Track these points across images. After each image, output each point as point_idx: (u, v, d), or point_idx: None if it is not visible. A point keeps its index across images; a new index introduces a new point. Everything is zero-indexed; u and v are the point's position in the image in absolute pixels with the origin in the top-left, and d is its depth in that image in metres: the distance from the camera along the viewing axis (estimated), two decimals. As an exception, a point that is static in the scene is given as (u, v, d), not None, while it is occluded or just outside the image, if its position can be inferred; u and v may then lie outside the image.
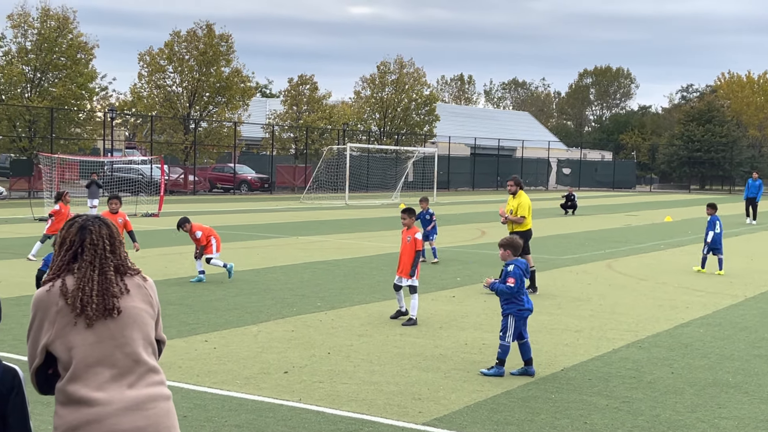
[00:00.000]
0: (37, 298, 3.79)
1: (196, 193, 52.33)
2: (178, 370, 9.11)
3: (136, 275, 3.94)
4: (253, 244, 22.94)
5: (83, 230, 3.87)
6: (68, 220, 3.96)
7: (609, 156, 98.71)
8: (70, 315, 3.72)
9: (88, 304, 3.72)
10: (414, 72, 70.22)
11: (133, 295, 3.86)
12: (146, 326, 3.87)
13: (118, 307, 3.77)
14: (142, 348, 3.81)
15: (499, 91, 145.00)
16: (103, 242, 3.86)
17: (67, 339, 3.70)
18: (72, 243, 3.86)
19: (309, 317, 12.55)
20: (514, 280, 9.48)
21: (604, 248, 24.02)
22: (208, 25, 55.35)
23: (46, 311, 3.75)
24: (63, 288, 3.76)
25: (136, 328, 3.81)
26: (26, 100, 46.62)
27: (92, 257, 3.82)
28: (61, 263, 3.84)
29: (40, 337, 3.75)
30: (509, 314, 9.53)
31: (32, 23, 47.51)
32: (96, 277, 3.78)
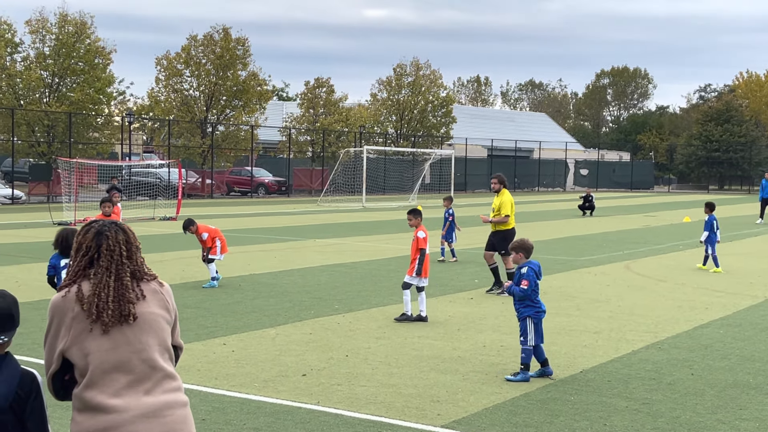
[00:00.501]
0: (53, 304, 3.78)
1: (213, 197, 52.49)
2: (197, 373, 9.12)
3: (152, 280, 3.93)
4: (271, 247, 22.98)
5: (99, 236, 3.86)
6: (84, 226, 3.96)
7: (627, 157, 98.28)
8: (86, 321, 3.71)
9: (104, 310, 3.71)
10: (430, 74, 70.17)
11: (149, 301, 3.84)
12: (162, 332, 3.85)
13: (134, 313, 3.76)
14: (158, 354, 3.79)
15: (515, 93, 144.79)
16: (119, 248, 3.85)
17: (83, 345, 3.70)
18: (88, 249, 3.85)
19: (327, 320, 12.55)
20: (527, 282, 9.47)
21: (623, 249, 23.90)
22: (224, 29, 55.56)
23: (62, 317, 3.75)
24: (79, 294, 3.75)
25: (152, 333, 3.79)
26: (45, 105, 46.93)
27: (108, 263, 3.81)
28: (78, 268, 3.84)
29: (56, 343, 3.75)
30: (527, 317, 9.48)
31: (50, 29, 47.83)
32: (112, 282, 3.77)
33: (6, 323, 3.68)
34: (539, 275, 9.70)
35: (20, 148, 46.81)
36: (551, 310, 13.69)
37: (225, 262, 19.21)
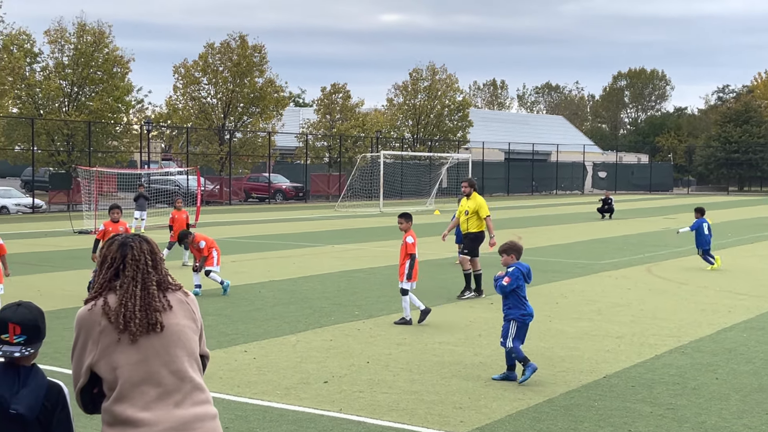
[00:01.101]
0: (80, 317, 3.78)
1: (231, 203, 52.64)
2: (219, 380, 9.13)
3: (177, 291, 3.92)
4: (289, 253, 23.00)
5: (124, 246, 3.86)
6: (109, 238, 3.97)
7: (645, 159, 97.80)
8: (113, 334, 3.70)
9: (131, 319, 3.70)
10: (446, 78, 70.13)
11: (176, 311, 3.83)
12: (190, 342, 3.84)
13: (161, 322, 3.75)
14: (187, 364, 3.78)
15: (532, 96, 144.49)
16: (144, 258, 3.85)
17: (111, 359, 3.68)
18: (113, 260, 3.85)
19: (347, 326, 12.54)
20: (509, 279, 9.50)
21: (643, 252, 23.76)
22: (241, 37, 55.79)
23: (89, 331, 3.74)
24: (105, 307, 3.74)
25: (180, 344, 3.78)
26: (64, 115, 47.25)
27: (134, 273, 3.80)
28: (103, 281, 3.83)
29: (84, 357, 3.74)
30: (512, 319, 9.48)
31: (69, 38, 48.17)
32: (139, 292, 3.76)
33: (32, 335, 3.68)
34: (528, 278, 9.69)
35: (40, 158, 47.13)
36: (573, 314, 13.65)
37: (245, 269, 19.27)
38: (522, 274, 9.61)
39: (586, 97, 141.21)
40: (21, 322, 3.65)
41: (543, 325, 12.74)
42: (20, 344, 3.63)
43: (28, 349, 3.65)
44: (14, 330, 3.63)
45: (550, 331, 12.28)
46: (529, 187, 75.80)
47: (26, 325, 3.66)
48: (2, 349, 3.62)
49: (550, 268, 20.07)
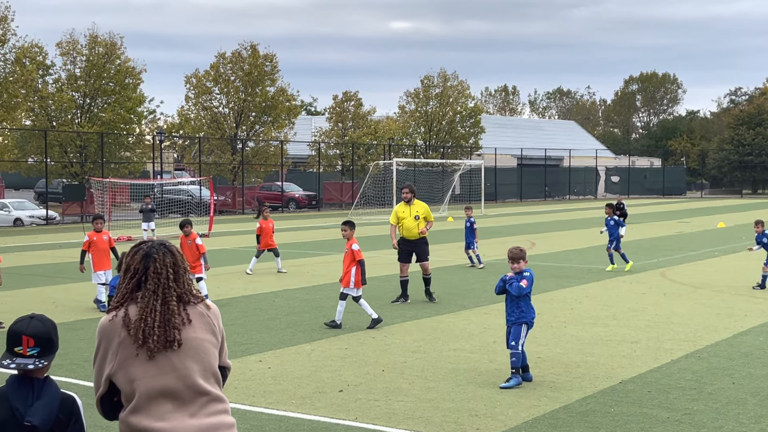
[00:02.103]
0: (101, 327, 3.81)
1: (244, 212, 52.75)
2: (234, 390, 9.13)
3: (199, 303, 3.92)
4: (303, 261, 23.01)
5: (147, 258, 3.87)
6: (133, 247, 3.97)
7: (658, 163, 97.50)
8: (132, 346, 3.73)
9: (150, 336, 3.72)
10: (458, 85, 70.13)
11: (195, 326, 3.84)
12: (208, 356, 3.84)
13: (179, 339, 3.76)
14: (202, 379, 3.78)
15: (544, 101, 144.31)
16: (166, 271, 3.85)
17: (129, 371, 3.71)
18: (136, 271, 3.86)
19: (362, 334, 12.53)
20: (527, 282, 9.64)
21: (657, 256, 23.67)
22: (252, 46, 55.94)
23: (109, 342, 3.77)
24: (126, 319, 3.76)
25: (197, 359, 3.79)
26: (77, 126, 47.49)
27: (155, 286, 3.82)
28: (126, 291, 3.85)
29: (103, 367, 3.78)
30: (524, 322, 9.65)
31: (81, 50, 48.43)
32: (159, 306, 3.77)
33: (46, 347, 3.70)
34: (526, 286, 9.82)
35: (53, 169, 47.36)
36: (587, 320, 13.60)
37: (258, 277, 19.30)
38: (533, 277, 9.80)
39: (598, 102, 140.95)
40: (34, 334, 3.67)
41: (558, 330, 12.71)
42: (34, 356, 3.65)
43: (42, 361, 3.67)
44: (28, 342, 3.65)
45: (565, 336, 12.24)
46: (541, 193, 75.66)
47: (39, 337, 3.68)
48: (16, 361, 3.64)
49: (564, 273, 20.01)
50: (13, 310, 14.87)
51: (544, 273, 20.04)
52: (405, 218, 15.97)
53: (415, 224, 15.90)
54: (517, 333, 9.59)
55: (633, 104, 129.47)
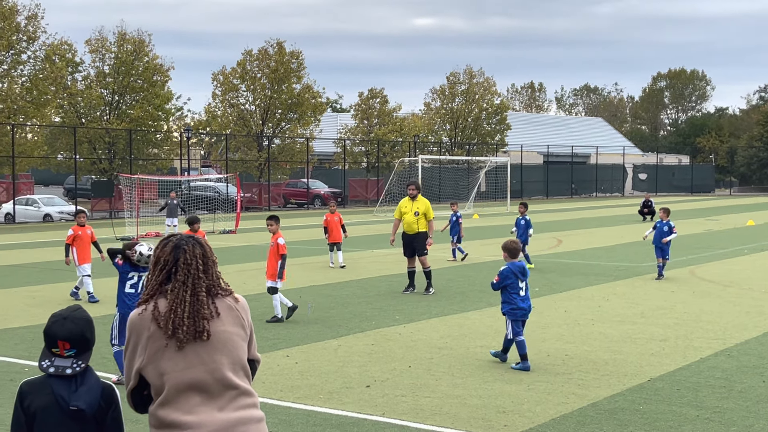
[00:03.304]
0: (130, 321, 3.83)
1: (270, 209, 52.93)
2: (262, 385, 9.18)
3: (227, 296, 3.92)
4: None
5: (177, 249, 3.88)
6: (162, 239, 3.99)
7: (686, 160, 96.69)
8: (161, 339, 3.74)
9: (179, 326, 3.72)
10: (484, 81, 69.94)
11: (223, 319, 3.84)
12: (237, 350, 3.84)
13: (207, 330, 3.76)
14: (231, 372, 3.79)
15: (570, 98, 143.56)
16: (196, 262, 3.86)
17: (158, 365, 3.73)
18: (166, 262, 3.87)
19: (388, 330, 12.55)
20: (498, 278, 10.33)
21: (686, 254, 23.49)
22: (278, 43, 56.07)
23: (139, 336, 3.78)
24: (155, 312, 3.77)
25: (225, 352, 3.79)
26: (105, 123, 47.87)
27: (185, 277, 3.82)
28: (155, 283, 3.86)
29: (134, 361, 3.80)
30: (504, 313, 10.35)
31: (109, 47, 48.82)
32: (188, 298, 3.78)
33: (81, 347, 3.75)
34: (522, 276, 10.38)
35: (82, 166, 47.78)
36: (615, 317, 13.53)
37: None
38: (513, 273, 10.32)
39: (625, 99, 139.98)
40: (69, 338, 3.73)
41: (586, 328, 12.65)
42: (71, 357, 3.72)
43: (80, 363, 3.73)
44: (63, 345, 3.72)
45: (593, 334, 12.19)
46: (568, 190, 75.27)
47: (74, 340, 3.74)
48: (55, 363, 3.71)
49: (592, 271, 19.92)
50: (48, 303, 15.04)
51: (571, 270, 19.97)
52: (406, 213, 16.55)
53: (415, 220, 16.42)
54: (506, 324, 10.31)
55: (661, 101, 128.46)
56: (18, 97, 41.47)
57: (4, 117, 41.15)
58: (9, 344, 11.69)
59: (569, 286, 17.25)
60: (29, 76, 42.47)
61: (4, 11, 40.39)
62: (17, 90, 41.77)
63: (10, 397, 8.71)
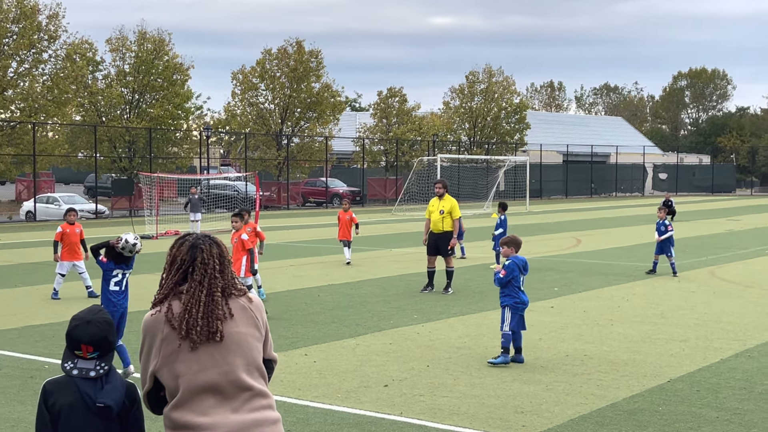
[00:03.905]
0: (144, 323, 3.82)
1: (289, 208, 53.04)
2: (280, 384, 9.19)
3: (241, 296, 3.88)
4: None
5: (194, 249, 3.85)
6: (178, 238, 3.96)
7: (707, 159, 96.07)
8: (175, 341, 3.72)
9: (193, 327, 3.70)
10: (503, 80, 69.78)
11: (237, 320, 3.80)
12: (251, 351, 3.81)
13: (221, 331, 3.73)
14: (245, 373, 3.75)
15: (590, 97, 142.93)
16: (213, 261, 3.83)
17: (172, 367, 3.71)
18: (183, 262, 3.83)
19: (406, 330, 12.54)
20: (505, 272, 10.48)
21: (706, 255, 23.34)
22: (298, 42, 56.17)
23: (153, 338, 3.77)
24: (168, 314, 3.75)
25: (239, 353, 3.76)
26: (125, 122, 48.12)
27: (202, 276, 3.79)
28: (171, 283, 3.83)
29: (148, 363, 3.79)
30: (506, 306, 10.43)
31: (130, 46, 49.07)
32: (203, 298, 3.75)
33: (104, 350, 3.77)
34: (524, 270, 10.64)
35: (103, 164, 48.05)
36: (635, 318, 13.46)
37: (303, 272, 19.38)
38: (518, 267, 10.53)
39: (645, 98, 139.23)
40: (92, 341, 3.74)
41: (605, 328, 12.60)
42: (94, 359, 3.74)
43: (103, 365, 3.75)
44: (87, 349, 3.74)
45: (612, 334, 12.13)
46: (588, 190, 74.97)
47: (97, 343, 3.75)
48: (78, 365, 3.73)
49: (611, 271, 19.82)
50: (68, 300, 15.13)
51: (591, 270, 19.88)
52: (433, 212, 16.53)
53: (440, 218, 16.35)
54: (502, 316, 10.45)
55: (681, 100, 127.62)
56: (39, 95, 41.75)
57: (26, 115, 41.45)
58: (29, 341, 11.77)
59: (588, 286, 17.18)
60: (50, 75, 42.75)
61: (25, 10, 40.68)
62: (38, 89, 42.05)
63: (32, 394, 8.78)
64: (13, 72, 41.37)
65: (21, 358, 10.72)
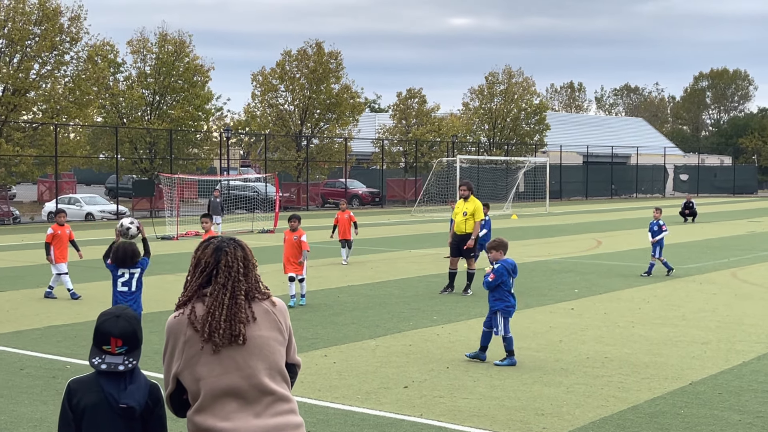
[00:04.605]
0: (168, 325, 3.83)
1: (308, 209, 53.13)
2: (300, 385, 9.20)
3: (265, 300, 3.88)
4: (367, 258, 23.08)
5: (219, 251, 3.85)
6: (203, 241, 3.97)
7: (728, 161, 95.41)
8: (197, 344, 3.72)
9: (216, 330, 3.70)
10: (523, 81, 69.59)
11: (259, 323, 3.80)
12: (273, 354, 3.80)
13: (243, 334, 3.72)
14: (268, 378, 3.75)
15: (610, 98, 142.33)
16: (237, 264, 3.83)
17: (194, 370, 3.71)
18: (207, 264, 3.84)
19: (426, 331, 12.53)
20: (494, 275, 10.51)
21: (728, 256, 23.18)
22: (317, 44, 56.27)
23: (176, 340, 3.78)
24: (191, 316, 3.75)
25: (262, 357, 3.75)
26: (146, 123, 48.37)
27: (225, 279, 3.79)
28: (195, 286, 3.83)
29: (171, 365, 3.79)
30: (497, 310, 10.49)
31: (151, 48, 49.31)
32: (227, 301, 3.75)
33: (132, 345, 3.78)
34: (513, 273, 10.67)
35: (124, 165, 48.34)
36: (656, 320, 13.39)
37: (323, 273, 19.41)
38: (507, 270, 10.56)
39: (666, 99, 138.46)
40: (122, 335, 3.75)
41: (626, 330, 12.54)
42: (122, 354, 3.74)
43: (131, 360, 3.76)
44: (116, 343, 3.74)
45: (633, 336, 12.07)
46: (608, 191, 74.62)
47: (126, 336, 3.76)
48: (106, 360, 3.73)
49: (632, 272, 19.73)
50: (89, 301, 15.23)
51: (611, 272, 19.79)
52: (457, 214, 16.63)
53: (463, 220, 16.44)
54: (493, 321, 10.51)
55: (703, 101, 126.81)
56: (61, 97, 42.04)
57: (48, 117, 41.75)
58: (52, 341, 11.85)
59: (609, 288, 17.11)
60: (72, 76, 43.03)
61: (47, 13, 40.97)
62: (60, 90, 42.34)
63: (54, 394, 8.84)
64: (36, 74, 41.67)
65: (43, 358, 10.80)
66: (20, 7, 40.37)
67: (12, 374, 9.89)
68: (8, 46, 40.39)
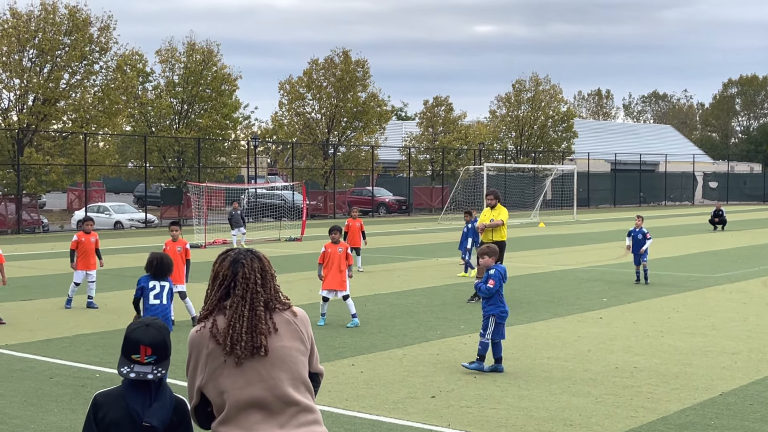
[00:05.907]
0: (190, 339, 3.85)
1: (335, 217, 53.20)
2: (328, 394, 9.21)
3: (285, 310, 3.89)
4: (393, 266, 23.07)
5: (236, 264, 3.88)
6: (221, 254, 4.00)
7: (758, 168, 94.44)
8: (220, 356, 3.74)
9: (237, 342, 3.72)
10: (550, 89, 69.35)
11: (281, 334, 3.81)
12: (296, 365, 3.81)
13: (265, 345, 3.74)
14: (291, 388, 3.75)
15: (638, 105, 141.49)
16: (254, 276, 3.85)
17: (218, 383, 3.73)
18: (225, 277, 3.87)
19: (453, 340, 12.49)
20: (494, 282, 10.44)
21: (759, 265, 22.92)
22: (344, 52, 56.44)
23: (198, 354, 3.80)
24: (213, 329, 3.78)
25: (284, 368, 3.76)
26: (175, 132, 48.72)
27: (243, 291, 3.81)
28: (215, 299, 3.86)
29: (194, 378, 3.81)
30: (491, 315, 10.44)
31: (179, 57, 49.69)
32: (246, 313, 3.77)
33: (162, 354, 3.78)
34: (504, 279, 10.65)
35: (152, 174, 48.68)
36: (685, 329, 13.26)
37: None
38: (501, 275, 10.58)
39: (695, 106, 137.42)
40: (152, 343, 3.75)
41: (655, 340, 12.43)
42: (151, 364, 3.74)
43: (160, 369, 3.75)
44: (145, 351, 3.74)
45: (663, 346, 11.96)
46: (636, 199, 74.10)
47: (157, 346, 3.76)
48: (135, 369, 3.73)
49: (661, 281, 19.57)
50: (118, 309, 15.34)
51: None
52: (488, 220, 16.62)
53: (490, 229, 16.49)
54: (484, 325, 10.45)
55: (732, 108, 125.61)
56: (90, 106, 42.45)
57: (77, 126, 42.17)
58: (81, 350, 11.94)
59: (638, 297, 16.97)
60: (101, 86, 43.44)
61: (77, 23, 41.40)
62: (90, 99, 42.75)
63: (83, 402, 8.90)
64: (66, 83, 42.10)
65: (73, 367, 10.87)
66: (51, 18, 40.84)
67: (41, 383, 9.98)
68: (39, 56, 40.85)
